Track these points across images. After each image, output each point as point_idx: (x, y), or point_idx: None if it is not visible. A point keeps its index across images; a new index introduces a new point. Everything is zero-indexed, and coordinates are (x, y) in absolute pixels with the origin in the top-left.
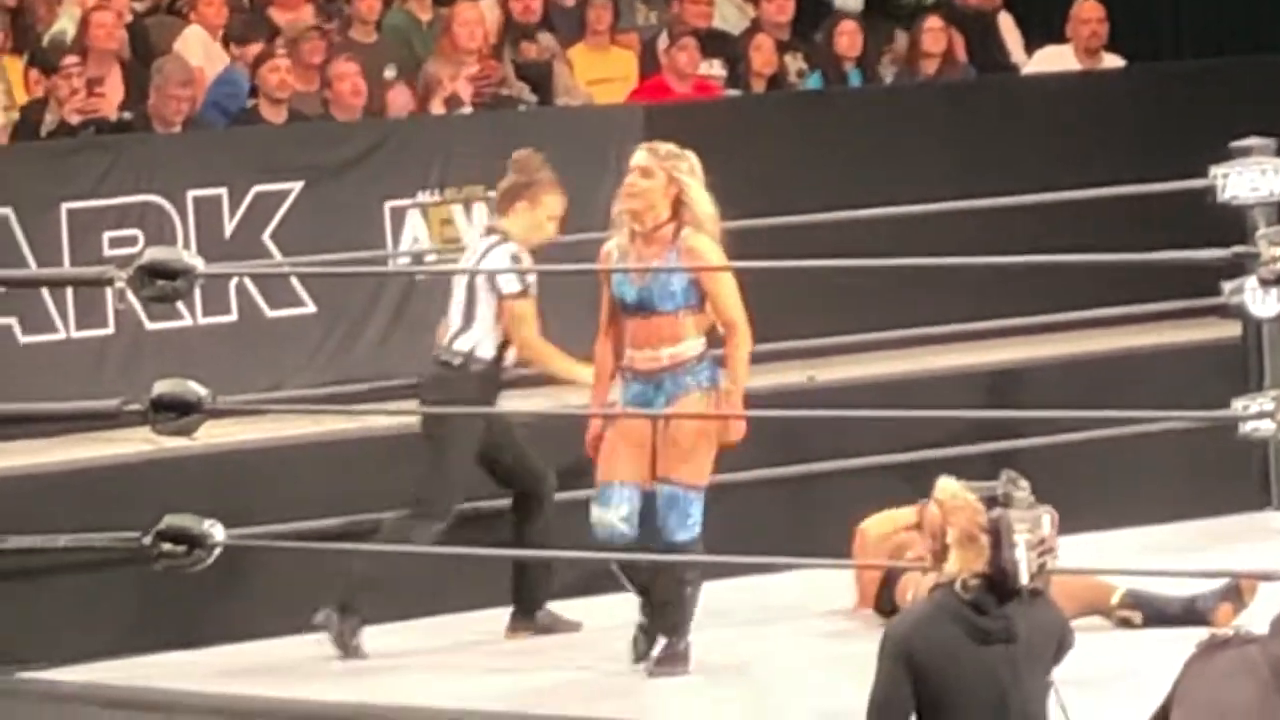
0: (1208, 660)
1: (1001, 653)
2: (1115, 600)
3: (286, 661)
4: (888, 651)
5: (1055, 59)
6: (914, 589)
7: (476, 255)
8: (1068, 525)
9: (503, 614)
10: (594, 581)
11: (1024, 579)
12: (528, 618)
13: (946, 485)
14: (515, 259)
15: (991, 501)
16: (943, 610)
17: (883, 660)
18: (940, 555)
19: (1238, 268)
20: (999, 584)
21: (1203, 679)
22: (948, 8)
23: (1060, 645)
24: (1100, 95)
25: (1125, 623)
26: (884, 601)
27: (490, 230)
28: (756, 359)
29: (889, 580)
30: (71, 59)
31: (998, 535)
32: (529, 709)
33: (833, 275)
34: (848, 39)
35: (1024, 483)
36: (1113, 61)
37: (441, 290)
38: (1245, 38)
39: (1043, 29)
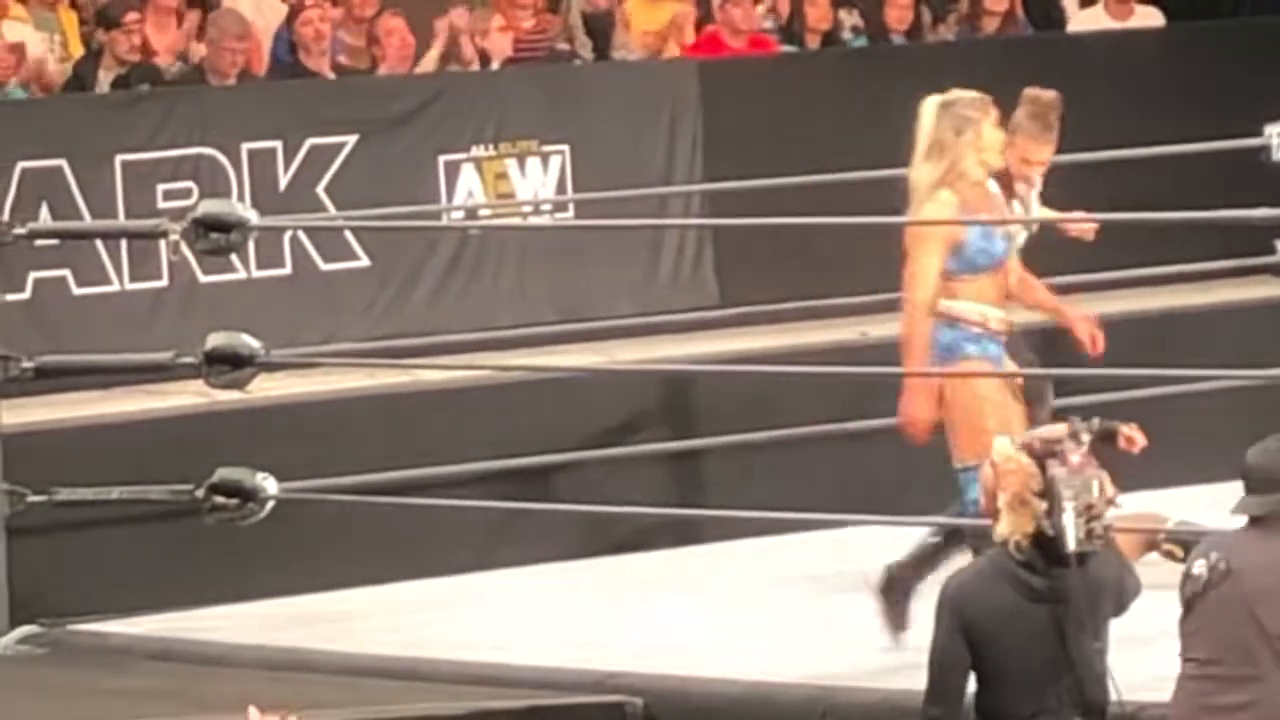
0: (1202, 609)
1: (1054, 611)
2: (1164, 535)
3: (335, 615)
4: (943, 610)
5: (1090, 19)
6: None
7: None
8: (1123, 482)
9: (548, 570)
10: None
11: (1070, 545)
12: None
13: (1001, 447)
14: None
15: (1050, 455)
16: (996, 570)
17: (939, 620)
18: (996, 514)
19: None
20: (1049, 546)
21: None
22: None
23: (1120, 597)
24: (1153, 53)
25: (1170, 555)
26: None
27: None
28: (810, 314)
29: None
30: (133, 16)
31: (1049, 498)
32: (577, 665)
33: (885, 231)
34: (898, 13)
35: (1085, 436)
36: (1149, 15)
37: (499, 244)
38: None
39: None
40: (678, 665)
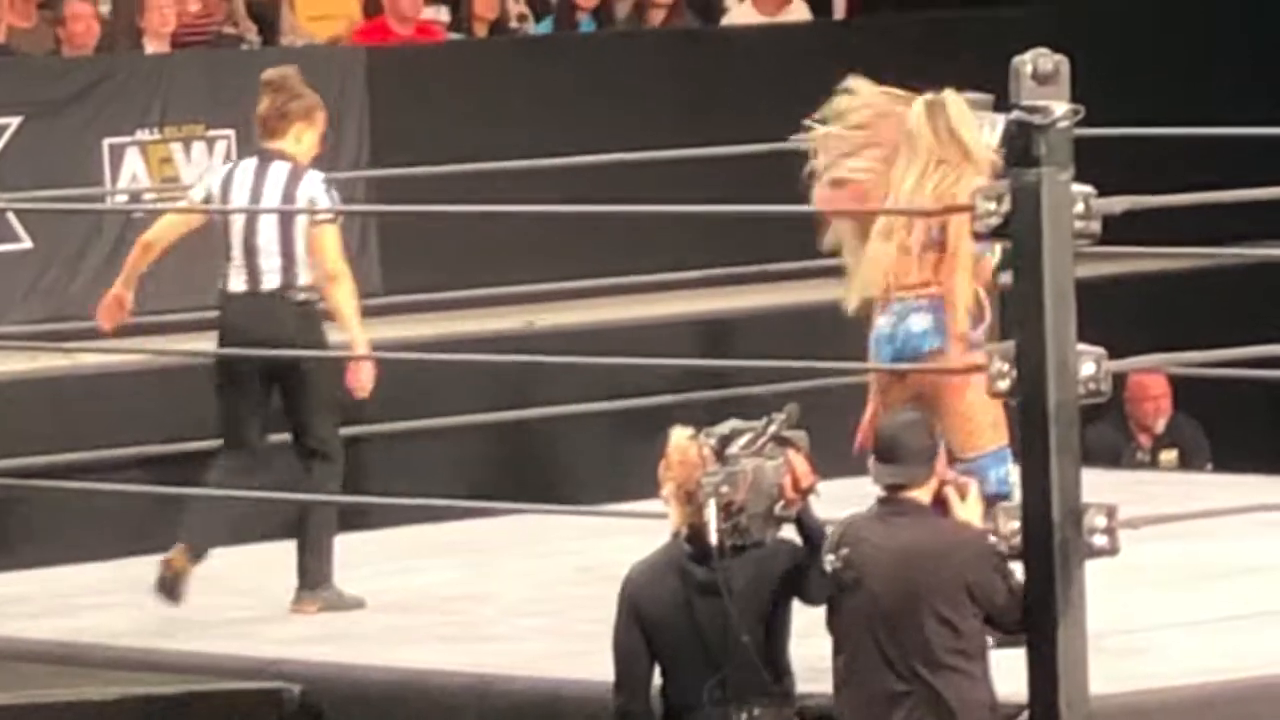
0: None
1: (716, 604)
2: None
3: None
4: (620, 601)
5: (743, 14)
6: None
7: (275, 184)
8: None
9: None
10: None
11: (712, 539)
12: (312, 591)
13: (676, 440)
14: (327, 183)
15: (724, 447)
16: (668, 561)
17: (618, 610)
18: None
19: None
20: (706, 539)
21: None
22: None
23: (798, 588)
24: (822, 47)
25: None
26: None
27: (270, 154)
28: (476, 303)
29: None
30: None
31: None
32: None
33: (553, 221)
34: None
35: (770, 429)
36: (797, 9)
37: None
38: None
39: None
40: (339, 653)
